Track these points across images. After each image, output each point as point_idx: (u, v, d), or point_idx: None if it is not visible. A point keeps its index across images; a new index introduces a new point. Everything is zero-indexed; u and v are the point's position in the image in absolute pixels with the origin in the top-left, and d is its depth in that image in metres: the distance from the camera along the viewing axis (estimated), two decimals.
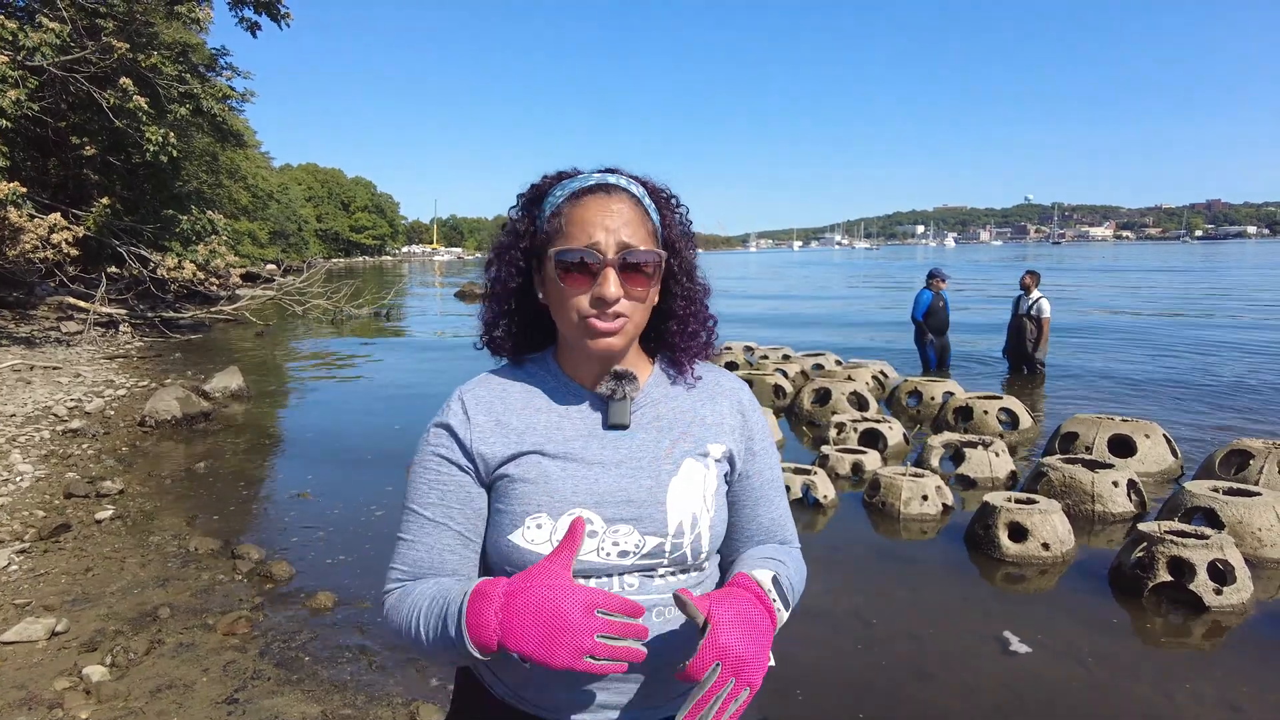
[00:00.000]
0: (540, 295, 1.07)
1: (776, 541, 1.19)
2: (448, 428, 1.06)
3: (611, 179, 1.04)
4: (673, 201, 1.11)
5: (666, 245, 1.07)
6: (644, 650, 0.90)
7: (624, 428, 1.06)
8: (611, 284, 0.98)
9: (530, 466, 1.02)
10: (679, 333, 1.11)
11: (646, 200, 1.05)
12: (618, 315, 1.00)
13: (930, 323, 10.31)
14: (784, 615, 1.01)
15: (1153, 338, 14.11)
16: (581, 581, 0.99)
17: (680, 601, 0.93)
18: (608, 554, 1.00)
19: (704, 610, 0.91)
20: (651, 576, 1.03)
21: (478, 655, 0.89)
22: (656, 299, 1.08)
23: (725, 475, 1.11)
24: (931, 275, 10.40)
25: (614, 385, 1.05)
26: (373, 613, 3.64)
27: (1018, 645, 3.36)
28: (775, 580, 1.02)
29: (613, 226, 0.99)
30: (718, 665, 0.88)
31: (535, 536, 1.00)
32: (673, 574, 1.05)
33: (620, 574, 1.02)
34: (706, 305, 1.14)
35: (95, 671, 3.01)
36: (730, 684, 0.88)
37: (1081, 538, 4.52)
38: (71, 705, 2.82)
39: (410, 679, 3.05)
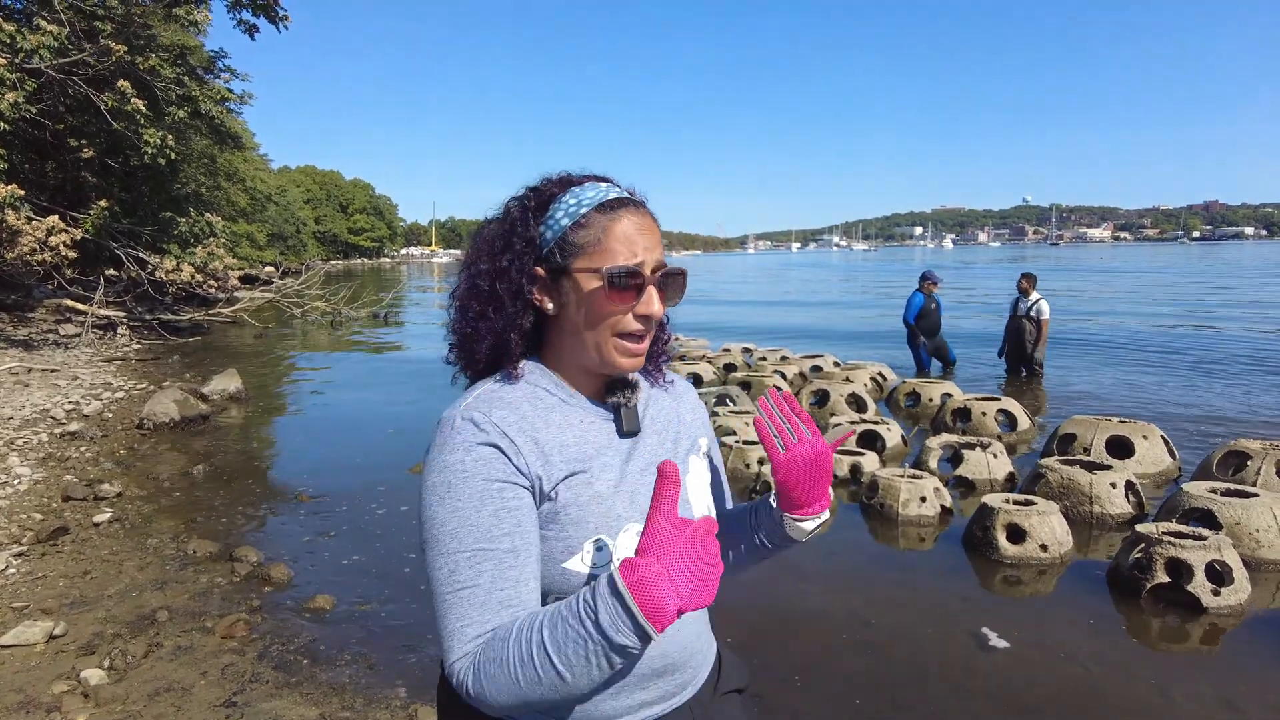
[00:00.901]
0: (549, 306, 1.04)
1: (726, 505, 1.29)
2: (495, 448, 0.96)
3: (627, 194, 1.05)
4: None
5: None
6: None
7: (635, 434, 1.08)
8: (656, 302, 1.01)
9: (581, 488, 0.99)
10: (660, 339, 1.16)
11: None
12: (649, 332, 1.03)
13: (922, 325, 10.35)
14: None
15: (1150, 339, 14.13)
16: None
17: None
18: None
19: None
20: None
21: (653, 635, 0.81)
22: None
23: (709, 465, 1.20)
24: (924, 278, 10.43)
25: (628, 394, 1.07)
26: (371, 614, 3.65)
27: (1015, 646, 3.37)
28: None
29: (649, 245, 1.01)
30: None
31: (596, 559, 0.98)
32: None
33: None
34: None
35: (93, 675, 3.01)
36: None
37: (1080, 539, 4.52)
38: (69, 708, 2.82)
39: (409, 681, 3.05)
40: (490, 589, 0.92)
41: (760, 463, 5.70)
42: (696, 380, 9.16)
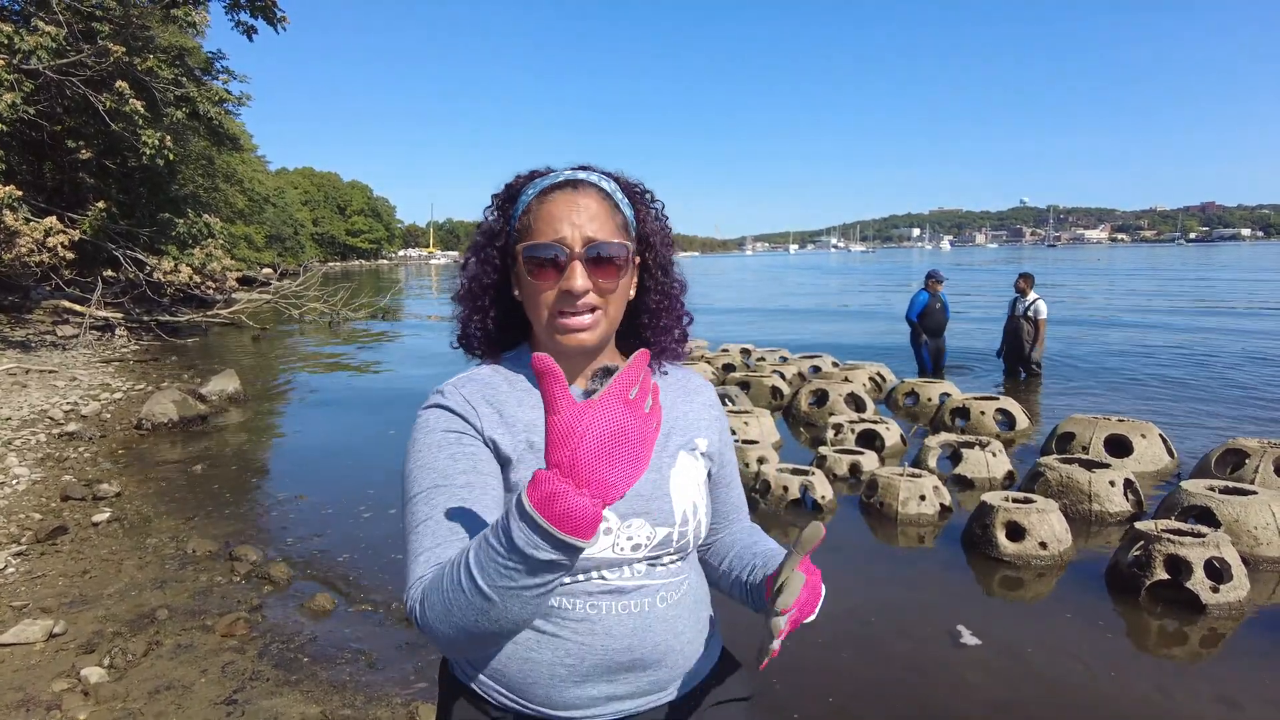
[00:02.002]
0: (516, 293, 1.08)
1: (742, 517, 1.28)
2: (452, 410, 1.02)
3: (581, 175, 1.05)
4: (647, 197, 1.12)
5: (641, 240, 1.09)
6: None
7: None
8: (578, 277, 0.99)
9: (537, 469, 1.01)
10: (650, 326, 1.14)
11: (618, 195, 1.06)
12: (592, 309, 1.01)
13: (926, 324, 10.33)
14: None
15: (1148, 339, 14.15)
16: (597, 575, 1.01)
17: (809, 538, 0.89)
18: (621, 548, 1.02)
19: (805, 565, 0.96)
20: (656, 565, 1.06)
21: (582, 545, 0.77)
22: (632, 293, 1.10)
23: (707, 466, 1.16)
24: (929, 277, 10.43)
25: (605, 382, 1.06)
26: (371, 613, 3.64)
27: (1015, 643, 3.37)
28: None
29: (578, 221, 1.00)
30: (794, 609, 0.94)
31: None
32: (674, 560, 1.08)
33: (630, 564, 1.03)
34: (682, 302, 1.16)
35: (93, 673, 3.01)
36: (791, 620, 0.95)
37: (1079, 537, 4.52)
38: (70, 706, 2.81)
39: (410, 679, 3.05)
40: (442, 520, 0.94)
41: (760, 461, 5.70)
42: None
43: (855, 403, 7.81)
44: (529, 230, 1.03)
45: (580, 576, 1.00)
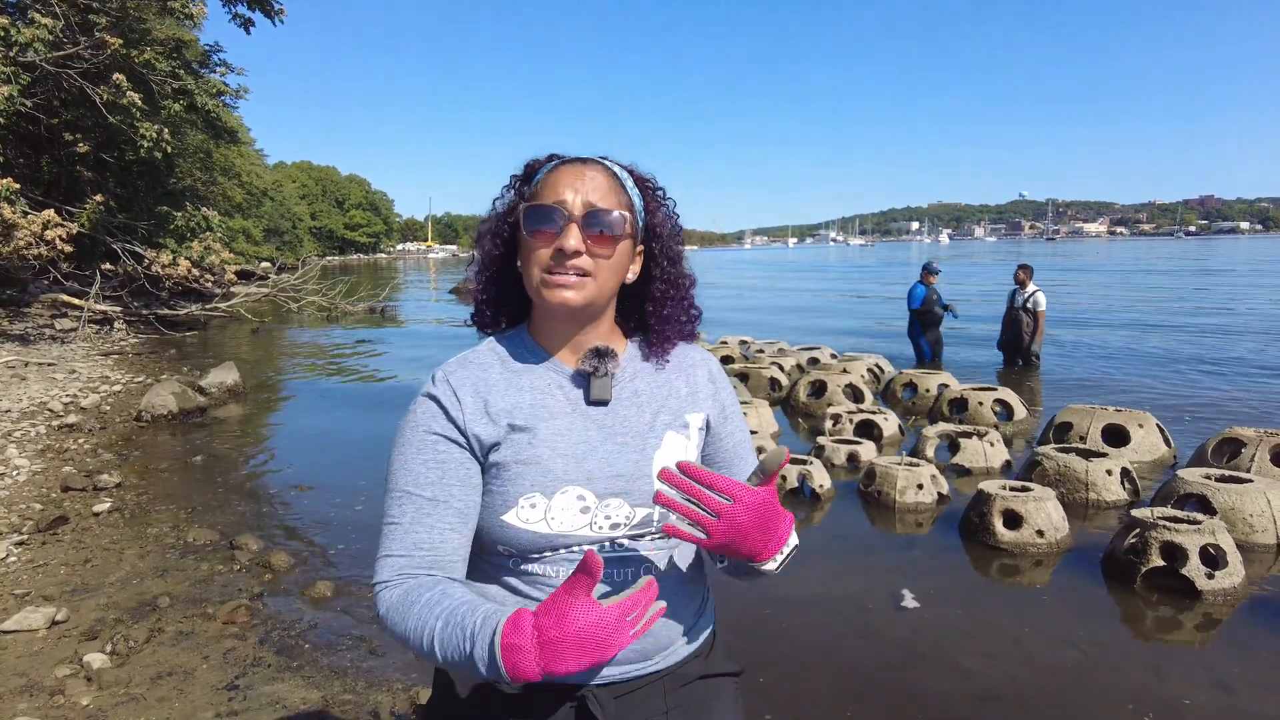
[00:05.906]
0: (519, 264, 1.09)
1: None
2: (439, 404, 1.05)
3: (594, 158, 1.08)
4: (659, 193, 1.14)
5: (649, 230, 1.12)
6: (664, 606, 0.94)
7: (605, 403, 1.09)
8: (572, 237, 1.01)
9: (522, 447, 1.03)
10: (654, 314, 1.15)
11: (628, 181, 1.09)
12: (580, 272, 1.02)
13: (925, 316, 10.34)
14: (787, 550, 1.03)
15: (1145, 330, 14.17)
16: (577, 548, 1.03)
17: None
18: (600, 527, 1.04)
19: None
20: (639, 540, 1.07)
21: (512, 684, 0.89)
22: (631, 273, 1.12)
23: (701, 443, 1.16)
24: (924, 270, 10.44)
25: (596, 362, 1.08)
26: (371, 601, 3.66)
27: (1012, 631, 3.40)
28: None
29: (581, 189, 1.03)
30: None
31: (530, 516, 1.02)
32: (656, 538, 1.09)
33: (610, 540, 1.05)
34: (691, 295, 1.18)
35: (96, 659, 3.03)
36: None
37: (1076, 525, 4.54)
38: (73, 692, 2.83)
39: (409, 664, 3.07)
40: (409, 529, 1.02)
41: (758, 452, 5.72)
42: None
43: (853, 394, 7.83)
44: (534, 197, 1.06)
45: (561, 549, 1.03)
